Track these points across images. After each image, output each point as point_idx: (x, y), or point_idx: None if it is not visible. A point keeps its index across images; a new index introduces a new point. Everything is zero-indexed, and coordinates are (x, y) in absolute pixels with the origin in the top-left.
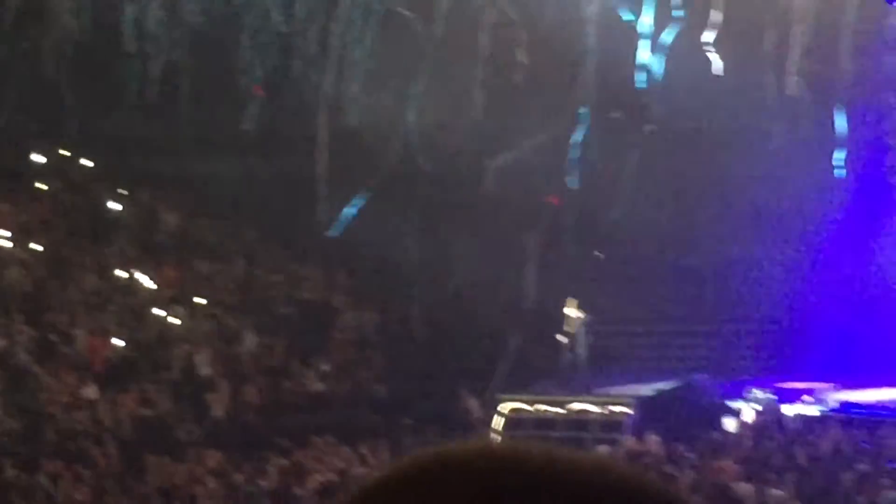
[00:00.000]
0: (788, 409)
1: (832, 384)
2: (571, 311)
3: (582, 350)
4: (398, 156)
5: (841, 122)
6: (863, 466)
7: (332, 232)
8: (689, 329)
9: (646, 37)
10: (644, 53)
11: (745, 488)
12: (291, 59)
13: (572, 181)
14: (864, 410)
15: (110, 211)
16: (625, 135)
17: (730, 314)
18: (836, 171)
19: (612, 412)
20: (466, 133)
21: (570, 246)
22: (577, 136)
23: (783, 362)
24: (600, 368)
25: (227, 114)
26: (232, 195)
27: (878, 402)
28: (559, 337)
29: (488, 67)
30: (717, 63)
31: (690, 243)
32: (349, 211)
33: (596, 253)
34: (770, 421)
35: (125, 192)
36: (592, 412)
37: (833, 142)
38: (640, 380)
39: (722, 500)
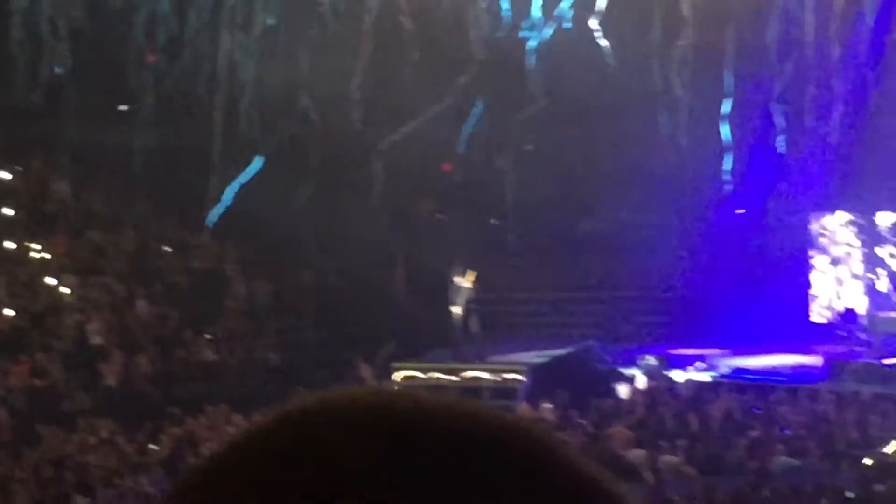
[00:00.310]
0: (681, 376)
1: (724, 350)
2: (465, 280)
3: (476, 318)
4: (292, 126)
5: (730, 90)
6: (754, 432)
7: (225, 201)
8: (583, 296)
9: (538, 9)
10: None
11: (637, 454)
12: (186, 28)
13: (465, 151)
14: (755, 376)
15: (0, 180)
16: (520, 105)
17: (623, 281)
18: (724, 140)
19: (504, 380)
20: (360, 104)
21: (465, 215)
22: (473, 107)
23: (676, 329)
24: (494, 336)
25: (119, 82)
26: (124, 164)
27: (770, 368)
28: (453, 305)
29: (383, 39)
30: (608, 33)
31: (585, 211)
32: (242, 180)
33: (493, 221)
34: (662, 387)
35: (15, 162)
36: (485, 380)
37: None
38: (534, 347)
39: (614, 467)
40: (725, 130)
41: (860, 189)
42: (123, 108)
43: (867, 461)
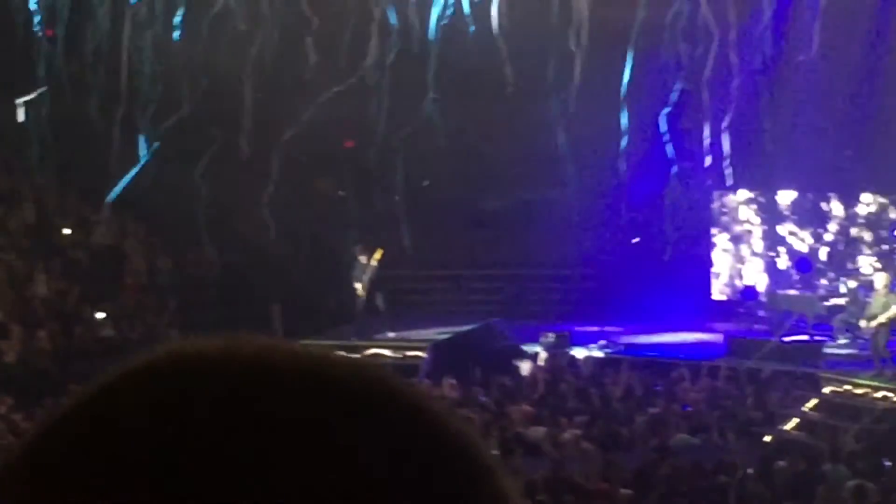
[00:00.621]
0: (582, 353)
1: (626, 328)
2: (371, 258)
3: (379, 295)
4: (194, 100)
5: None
6: (655, 409)
7: (127, 178)
8: (486, 273)
9: None
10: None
11: (538, 431)
12: (86, 2)
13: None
14: (656, 353)
15: None
16: (422, 82)
17: (525, 259)
18: (622, 121)
19: (406, 357)
20: (264, 79)
21: (368, 192)
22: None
23: (578, 306)
24: (397, 314)
25: (18, 56)
26: (22, 139)
27: (671, 345)
28: (356, 283)
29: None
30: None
31: (489, 187)
32: (144, 157)
33: (396, 198)
34: (564, 364)
35: None
36: (387, 357)
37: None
38: (436, 324)
39: (515, 443)
40: (625, 110)
41: (761, 167)
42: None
43: (767, 438)
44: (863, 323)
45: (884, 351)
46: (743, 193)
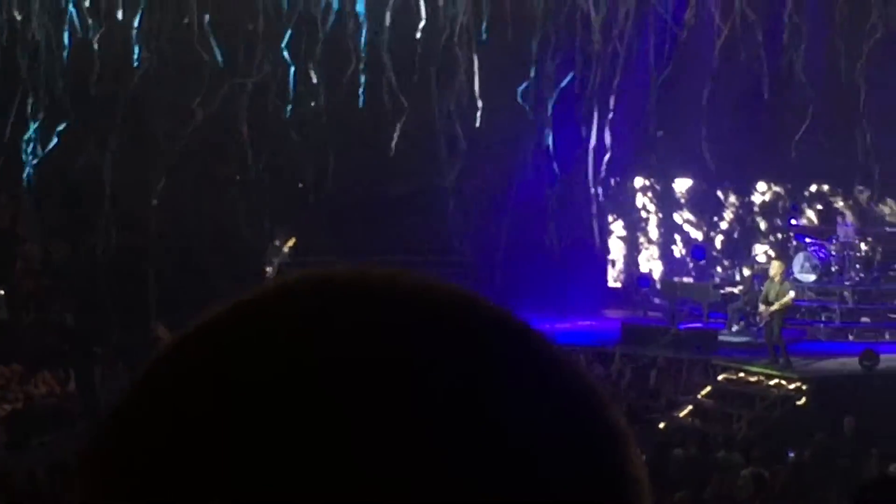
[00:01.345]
0: None
1: (522, 315)
2: (283, 241)
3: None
4: (94, 88)
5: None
6: None
7: (23, 160)
8: (386, 260)
9: None
10: None
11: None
12: None
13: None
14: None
15: None
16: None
17: (424, 246)
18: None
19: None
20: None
21: (272, 179)
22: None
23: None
24: None
25: None
26: None
27: (567, 332)
28: (268, 266)
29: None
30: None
31: (390, 175)
32: (41, 140)
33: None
34: None
35: None
36: None
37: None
38: None
39: None
40: (522, 100)
41: (657, 155)
42: None
43: (661, 425)
44: (761, 307)
45: (778, 339)
46: (639, 181)
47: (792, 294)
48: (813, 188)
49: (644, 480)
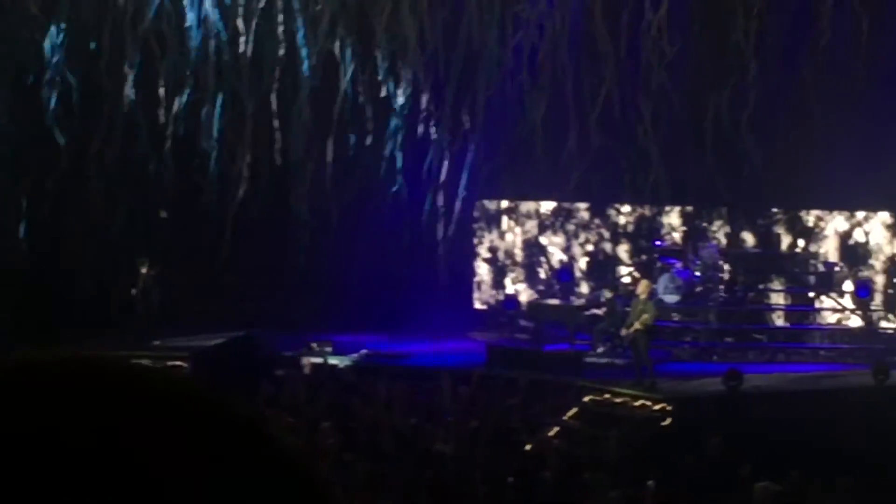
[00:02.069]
0: (345, 362)
1: (388, 336)
2: (149, 264)
3: (146, 303)
4: None
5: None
6: (417, 418)
7: None
8: (251, 281)
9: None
10: None
11: (297, 442)
12: None
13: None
14: (419, 362)
15: None
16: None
17: (290, 268)
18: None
19: (167, 366)
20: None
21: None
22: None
23: (341, 315)
24: (164, 321)
25: None
26: None
27: (433, 354)
28: (133, 289)
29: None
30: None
31: (248, 197)
32: None
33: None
34: (326, 373)
35: None
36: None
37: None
38: (200, 332)
39: None
40: (395, 120)
41: (523, 176)
42: None
43: (528, 447)
44: (623, 331)
45: (645, 360)
46: (505, 203)
47: (651, 314)
48: (677, 209)
49: None
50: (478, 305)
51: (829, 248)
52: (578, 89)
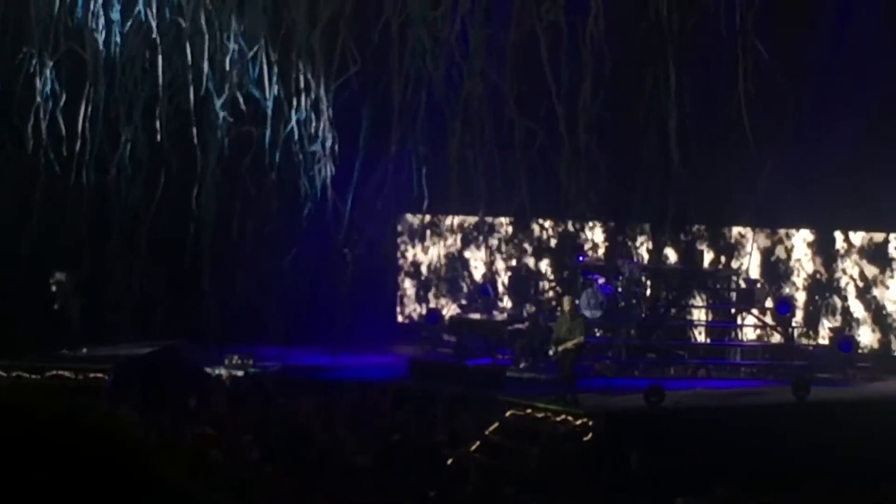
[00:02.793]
0: (267, 375)
1: (311, 349)
2: (71, 277)
3: (68, 316)
4: None
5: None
6: (338, 431)
7: None
8: (172, 294)
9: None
10: None
11: (217, 455)
12: None
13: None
14: (340, 375)
15: None
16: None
17: (212, 280)
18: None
19: (88, 378)
20: None
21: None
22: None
23: (264, 328)
24: (84, 334)
25: None
26: None
27: (355, 367)
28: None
29: None
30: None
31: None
32: None
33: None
34: (247, 386)
35: None
36: (68, 377)
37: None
38: (121, 344)
39: (195, 467)
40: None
41: (446, 190)
42: None
43: (449, 461)
44: (551, 350)
45: (568, 375)
46: (427, 217)
47: (582, 331)
48: (600, 225)
49: None
50: (400, 319)
51: (750, 265)
52: (500, 102)
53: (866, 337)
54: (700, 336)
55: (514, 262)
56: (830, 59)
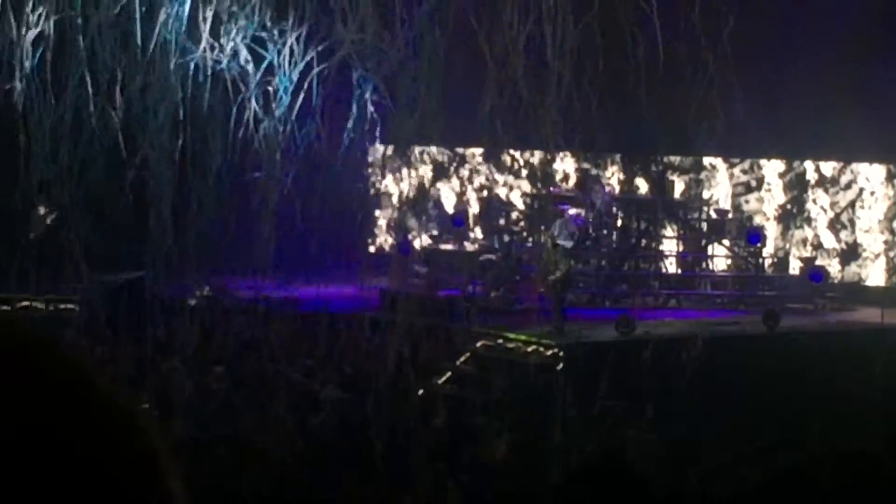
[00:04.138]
0: (240, 306)
1: (284, 280)
2: (38, 212)
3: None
4: None
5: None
6: (309, 361)
7: None
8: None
9: None
10: None
11: (189, 386)
12: None
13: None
14: (313, 306)
15: None
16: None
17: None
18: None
19: (58, 309)
20: None
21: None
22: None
23: (236, 260)
24: (56, 267)
25: None
26: None
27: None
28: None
29: None
30: None
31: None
32: None
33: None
34: (219, 318)
35: None
36: (39, 308)
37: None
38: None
39: (166, 399)
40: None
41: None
42: None
43: (420, 392)
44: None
45: (557, 305)
46: (399, 147)
47: (566, 262)
48: (570, 155)
49: (180, 494)
50: (371, 250)
51: (721, 196)
52: (472, 34)
53: (836, 267)
54: (671, 266)
55: (484, 193)
56: None
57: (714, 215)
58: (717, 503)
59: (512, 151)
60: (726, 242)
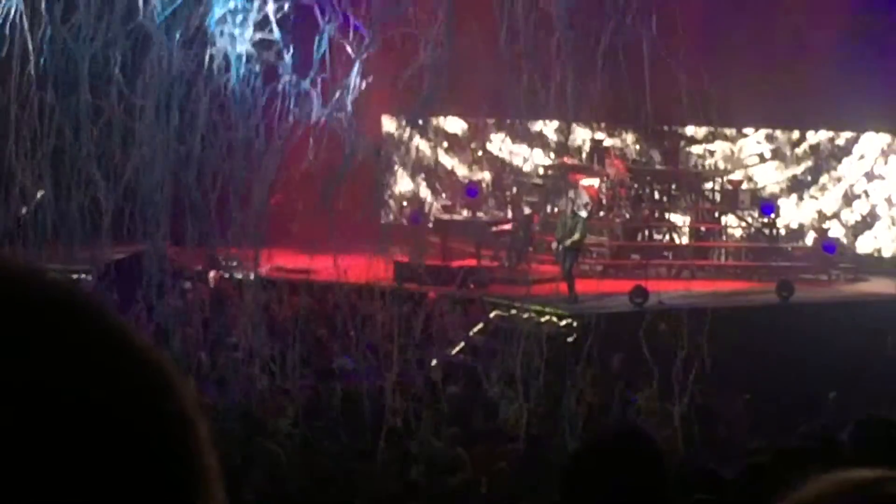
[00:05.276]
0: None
1: (293, 250)
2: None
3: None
4: None
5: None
6: (322, 331)
7: None
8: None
9: None
10: None
11: (203, 357)
12: None
13: None
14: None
15: None
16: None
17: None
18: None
19: (72, 279)
20: None
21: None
22: None
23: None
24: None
25: None
26: None
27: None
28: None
29: None
30: None
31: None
32: None
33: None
34: (230, 288)
35: None
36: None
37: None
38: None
39: (181, 367)
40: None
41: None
42: None
43: (434, 362)
44: (554, 245)
45: (567, 275)
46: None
47: (582, 231)
48: (584, 126)
49: (213, 465)
50: (384, 220)
51: (735, 167)
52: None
53: (850, 239)
54: (684, 237)
55: (499, 163)
56: None
57: (728, 186)
58: (734, 473)
59: (527, 122)
60: (739, 213)
